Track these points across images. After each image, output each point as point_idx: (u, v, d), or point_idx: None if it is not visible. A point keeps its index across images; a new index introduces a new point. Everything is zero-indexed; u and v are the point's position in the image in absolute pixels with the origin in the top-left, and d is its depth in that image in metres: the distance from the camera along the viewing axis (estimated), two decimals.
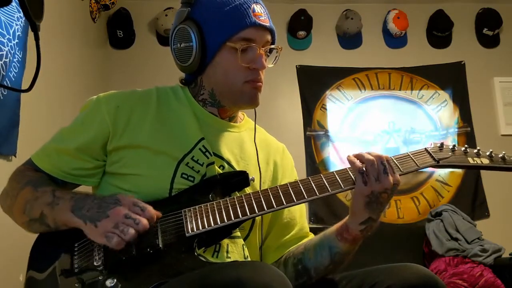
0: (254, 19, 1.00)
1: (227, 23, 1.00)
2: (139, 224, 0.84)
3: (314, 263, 1.01)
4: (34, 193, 0.95)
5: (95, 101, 1.03)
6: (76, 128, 1.02)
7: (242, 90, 1.03)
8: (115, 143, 0.98)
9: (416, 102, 3.42)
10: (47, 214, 0.92)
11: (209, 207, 0.92)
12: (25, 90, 1.10)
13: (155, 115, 1.02)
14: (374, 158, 0.92)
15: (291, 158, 1.20)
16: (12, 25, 1.67)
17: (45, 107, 2.05)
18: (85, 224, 0.87)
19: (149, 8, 3.33)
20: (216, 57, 1.02)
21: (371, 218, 0.95)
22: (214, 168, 1.00)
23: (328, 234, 1.02)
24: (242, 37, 1.00)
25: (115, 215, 0.85)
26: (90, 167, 1.00)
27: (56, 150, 1.01)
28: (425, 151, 0.99)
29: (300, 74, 3.38)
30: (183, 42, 1.02)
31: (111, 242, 0.83)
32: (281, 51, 1.09)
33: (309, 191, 0.92)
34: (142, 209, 0.86)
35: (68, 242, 0.92)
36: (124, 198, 0.88)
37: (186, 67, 1.04)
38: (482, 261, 2.48)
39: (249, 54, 1.01)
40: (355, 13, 3.39)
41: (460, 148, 1.00)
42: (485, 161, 0.98)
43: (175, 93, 1.09)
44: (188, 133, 1.02)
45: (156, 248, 0.87)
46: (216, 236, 0.93)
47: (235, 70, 1.01)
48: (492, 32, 3.46)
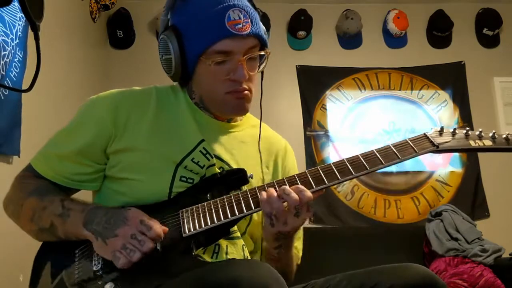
0: (227, 30, 0.93)
1: (200, 35, 0.95)
2: (144, 246, 0.84)
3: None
4: (41, 202, 0.94)
5: (93, 101, 1.01)
6: (75, 129, 1.00)
7: (225, 101, 1.00)
8: (116, 145, 0.97)
9: (416, 102, 3.42)
10: (57, 225, 0.92)
11: (206, 206, 0.92)
12: (25, 90, 1.10)
13: (154, 117, 1.00)
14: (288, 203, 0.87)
15: (293, 155, 1.19)
16: (15, 25, 1.67)
17: (46, 107, 2.05)
18: (96, 240, 0.88)
19: (149, 8, 3.33)
20: (196, 69, 1.00)
21: (281, 245, 0.98)
22: (214, 170, 0.99)
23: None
24: (217, 50, 0.95)
25: (123, 234, 0.86)
26: (91, 171, 0.99)
27: (56, 155, 0.99)
28: (424, 137, 0.95)
29: (300, 74, 3.37)
30: (164, 54, 1.00)
31: (118, 262, 0.84)
32: (269, 54, 1.03)
33: (306, 185, 0.90)
34: (148, 228, 0.86)
35: (69, 249, 0.93)
36: (131, 217, 0.88)
37: (172, 77, 1.04)
38: (482, 261, 2.48)
39: (227, 65, 0.97)
40: (355, 13, 3.39)
41: (461, 131, 0.95)
42: (487, 143, 0.93)
43: (175, 93, 1.08)
44: (187, 135, 1.01)
45: (154, 250, 0.87)
46: (214, 235, 0.93)
47: (214, 83, 0.99)
48: (492, 32, 3.46)
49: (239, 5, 0.97)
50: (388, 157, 0.92)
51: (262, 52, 1.02)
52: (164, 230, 0.88)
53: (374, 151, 0.93)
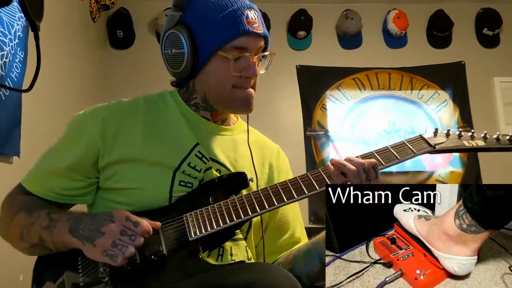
0: (248, 27, 0.97)
1: (219, 31, 0.97)
2: (135, 240, 0.84)
3: (305, 271, 1.01)
4: (29, 218, 0.94)
5: (81, 117, 1.01)
6: (64, 146, 1.00)
7: (234, 96, 1.01)
8: (107, 159, 0.97)
9: (416, 102, 3.42)
10: (45, 238, 0.91)
11: (210, 210, 0.92)
12: (25, 90, 1.10)
13: (145, 125, 1.00)
14: (356, 168, 0.90)
15: (286, 159, 1.19)
16: (14, 25, 1.67)
17: (46, 107, 2.05)
18: (83, 245, 0.87)
19: (149, 8, 3.33)
20: (208, 64, 1.00)
21: None
22: (211, 173, 0.99)
23: (316, 242, 1.02)
24: (235, 45, 0.97)
25: (110, 232, 0.84)
26: (83, 186, 0.99)
27: (47, 171, 0.99)
28: (421, 138, 0.98)
29: (300, 74, 3.38)
30: (174, 48, 1.00)
31: (116, 261, 0.83)
32: (273, 56, 1.06)
33: (309, 186, 0.91)
34: (135, 224, 0.85)
35: (71, 256, 0.92)
36: (117, 215, 0.87)
37: (177, 73, 1.03)
38: None
39: (242, 62, 0.99)
40: (355, 13, 3.39)
41: (454, 133, 0.99)
42: (480, 143, 0.96)
43: (164, 100, 1.07)
44: (182, 140, 1.01)
45: (161, 255, 0.87)
46: (219, 238, 0.93)
47: (226, 78, 0.99)
48: (492, 32, 3.46)
49: (253, 7, 1.01)
50: (388, 158, 0.93)
51: (266, 52, 1.05)
52: (155, 225, 0.88)
53: (373, 152, 0.95)
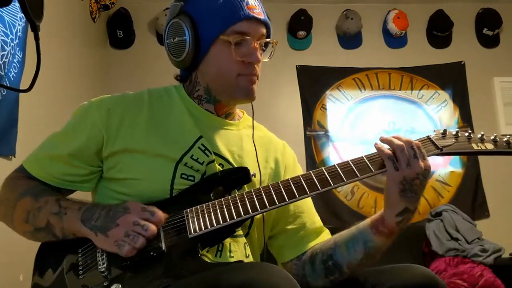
0: (248, 12, 0.99)
1: (220, 16, 0.99)
2: (148, 230, 0.85)
3: (347, 259, 0.98)
4: (35, 203, 0.94)
5: (86, 106, 1.02)
6: (68, 133, 1.01)
7: (237, 84, 1.01)
8: (110, 148, 0.97)
9: (416, 102, 3.42)
10: (54, 224, 0.92)
11: (211, 206, 0.91)
12: (25, 90, 1.10)
13: (149, 117, 1.01)
14: (404, 143, 0.90)
15: (292, 153, 1.19)
16: (15, 25, 1.67)
17: (44, 107, 2.04)
18: (95, 235, 0.88)
19: (149, 8, 3.33)
20: (210, 51, 1.01)
21: (407, 208, 0.91)
22: (214, 166, 0.99)
23: (361, 228, 0.99)
24: (236, 30, 0.98)
25: (124, 222, 0.86)
26: (84, 173, 1.00)
27: (48, 156, 1.00)
28: (428, 139, 0.95)
29: (300, 74, 3.37)
30: (177, 36, 1.01)
31: (122, 250, 0.84)
32: (276, 45, 1.07)
33: (312, 186, 0.92)
34: (152, 214, 0.87)
35: (71, 248, 0.92)
36: (132, 206, 0.89)
37: (180, 62, 1.03)
38: (482, 261, 2.48)
39: (243, 47, 1.00)
40: (355, 13, 3.39)
41: (463, 134, 0.96)
42: (489, 146, 0.95)
43: (168, 93, 1.08)
44: (185, 132, 1.01)
45: (160, 251, 0.87)
46: (219, 235, 0.93)
47: (229, 64, 1.00)
48: (492, 32, 3.46)
49: None
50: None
51: (268, 39, 1.06)
52: (165, 216, 0.89)
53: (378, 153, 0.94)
